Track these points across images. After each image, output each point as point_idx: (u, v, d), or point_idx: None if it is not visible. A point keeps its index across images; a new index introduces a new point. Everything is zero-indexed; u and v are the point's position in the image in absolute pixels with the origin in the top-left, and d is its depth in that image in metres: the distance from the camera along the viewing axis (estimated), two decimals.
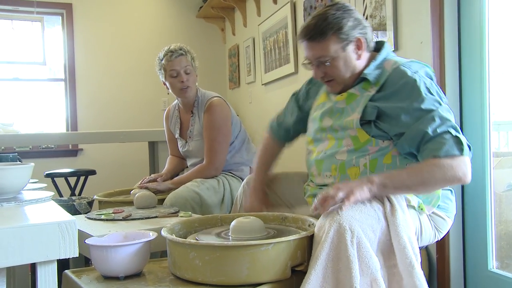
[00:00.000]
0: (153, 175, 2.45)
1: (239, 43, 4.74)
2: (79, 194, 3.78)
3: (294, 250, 1.20)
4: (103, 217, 1.80)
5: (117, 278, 1.25)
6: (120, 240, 1.34)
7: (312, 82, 1.75)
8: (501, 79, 2.07)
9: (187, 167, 2.57)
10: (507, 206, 2.07)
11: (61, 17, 4.64)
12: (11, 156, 2.01)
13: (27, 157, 4.15)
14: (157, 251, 1.56)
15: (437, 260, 2.20)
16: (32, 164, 1.29)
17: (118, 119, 4.62)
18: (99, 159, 4.48)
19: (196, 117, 2.43)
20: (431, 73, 1.48)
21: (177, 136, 2.56)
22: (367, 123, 1.45)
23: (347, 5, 1.53)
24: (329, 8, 1.50)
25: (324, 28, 1.46)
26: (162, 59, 2.36)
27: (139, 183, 2.34)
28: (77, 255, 0.93)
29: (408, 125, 1.37)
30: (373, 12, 2.60)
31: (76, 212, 2.16)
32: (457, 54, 2.16)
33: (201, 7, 4.86)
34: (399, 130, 1.40)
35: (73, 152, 4.56)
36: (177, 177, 2.42)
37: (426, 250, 2.25)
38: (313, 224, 1.36)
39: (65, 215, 1.00)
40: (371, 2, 2.61)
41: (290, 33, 3.61)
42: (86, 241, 1.29)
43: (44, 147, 4.47)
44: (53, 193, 1.36)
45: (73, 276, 1.30)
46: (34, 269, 0.94)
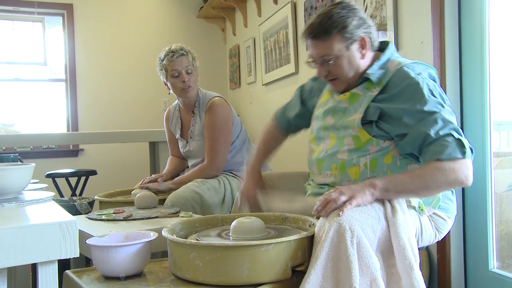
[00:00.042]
0: (153, 175, 2.45)
1: (239, 43, 4.74)
2: (80, 194, 3.78)
3: (295, 250, 1.20)
4: (103, 217, 1.80)
5: (117, 278, 1.26)
6: (121, 240, 1.34)
7: (317, 79, 1.75)
8: (501, 79, 2.07)
9: (187, 167, 2.57)
10: (508, 206, 2.07)
11: (61, 17, 4.64)
12: (12, 157, 2.01)
13: (28, 157, 4.15)
14: (157, 251, 1.56)
15: (438, 260, 2.20)
16: (33, 164, 1.30)
17: (119, 119, 4.62)
18: (100, 160, 4.48)
19: (197, 117, 2.43)
20: (435, 75, 1.47)
21: (177, 136, 2.56)
22: (368, 123, 1.45)
23: (352, 4, 1.53)
24: (334, 6, 1.50)
25: (328, 26, 1.46)
26: (163, 59, 2.36)
27: (140, 183, 2.34)
28: (78, 255, 0.93)
29: (410, 127, 1.37)
30: (373, 12, 2.59)
31: (77, 212, 2.16)
32: (457, 54, 2.16)
33: (201, 7, 4.86)
34: (401, 131, 1.39)
35: (74, 152, 4.56)
36: (178, 177, 2.42)
37: (427, 250, 2.25)
38: (313, 224, 1.36)
39: (66, 215, 1.00)
40: (371, 2, 2.61)
41: (290, 33, 3.61)
42: (87, 241, 1.29)
43: (45, 147, 4.47)
44: (54, 193, 1.36)
45: (73, 276, 1.31)
46: (35, 269, 0.94)
